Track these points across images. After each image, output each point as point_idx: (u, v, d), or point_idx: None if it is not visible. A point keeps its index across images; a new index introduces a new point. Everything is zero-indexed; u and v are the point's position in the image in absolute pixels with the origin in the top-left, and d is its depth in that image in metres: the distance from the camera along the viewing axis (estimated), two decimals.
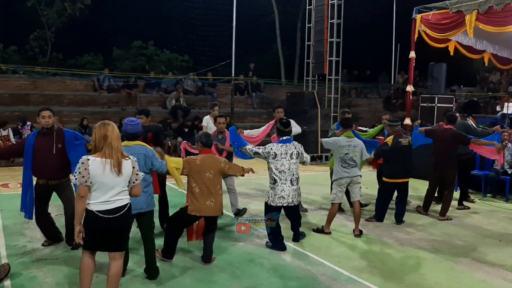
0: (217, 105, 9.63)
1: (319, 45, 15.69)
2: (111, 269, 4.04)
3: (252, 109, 18.67)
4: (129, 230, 4.17)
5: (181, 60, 24.05)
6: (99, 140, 3.90)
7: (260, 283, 4.86)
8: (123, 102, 16.57)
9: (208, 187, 5.21)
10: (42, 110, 5.61)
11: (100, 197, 3.86)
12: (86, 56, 22.18)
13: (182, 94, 17.14)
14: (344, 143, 6.54)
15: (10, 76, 15.87)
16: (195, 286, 4.75)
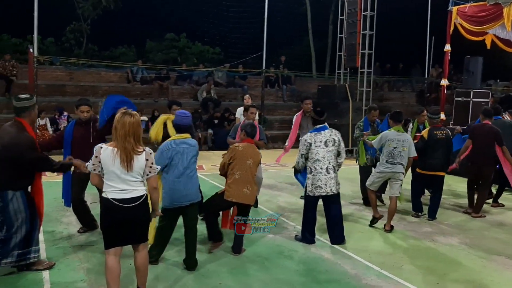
0: (246, 95, 9.63)
1: (352, 38, 15.51)
2: (136, 261, 4.08)
3: (282, 102, 18.65)
4: (148, 221, 4.10)
5: (213, 52, 24.20)
6: (113, 130, 3.89)
7: (289, 275, 4.89)
8: (155, 94, 16.82)
9: (247, 174, 5.28)
10: (80, 105, 5.82)
11: (114, 186, 3.84)
12: (120, 48, 22.58)
13: (213, 86, 17.27)
14: (394, 136, 6.46)
15: (47, 67, 16.29)
16: (227, 276, 4.81)
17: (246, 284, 4.62)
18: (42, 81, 14.78)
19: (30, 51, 11.79)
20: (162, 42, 23.61)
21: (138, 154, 3.85)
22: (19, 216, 4.57)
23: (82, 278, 4.65)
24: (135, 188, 3.88)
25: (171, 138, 4.92)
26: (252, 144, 5.58)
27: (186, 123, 4.93)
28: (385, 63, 21.56)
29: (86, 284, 4.51)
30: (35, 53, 12.76)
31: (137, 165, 3.85)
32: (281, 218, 6.95)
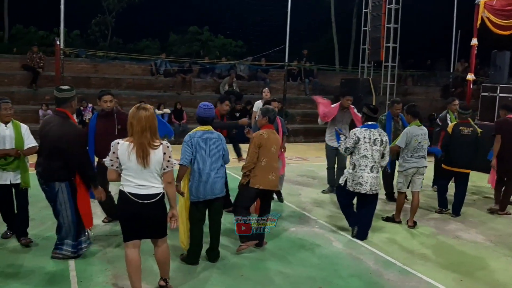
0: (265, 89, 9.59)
1: (376, 31, 15.34)
2: (156, 255, 4.12)
3: (304, 96, 18.55)
4: (165, 218, 4.01)
5: (235, 45, 24.23)
6: (128, 126, 3.83)
7: (310, 269, 4.90)
8: (178, 87, 16.92)
9: (271, 161, 5.24)
10: (103, 95, 5.81)
11: (131, 180, 3.82)
12: (144, 41, 22.79)
13: (235, 80, 17.28)
14: (418, 131, 6.43)
15: (73, 60, 16.53)
16: (248, 269, 4.85)
17: (267, 277, 4.65)
18: (68, 73, 15.00)
19: (56, 43, 12.00)
20: (185, 35, 23.73)
21: (154, 148, 3.80)
22: (65, 207, 4.69)
23: (106, 267, 4.73)
24: (152, 185, 3.86)
25: (194, 129, 4.89)
26: (273, 130, 5.46)
27: (209, 115, 4.89)
28: (409, 57, 21.26)
29: (110, 273, 4.59)
30: (62, 45, 12.97)
31: (154, 159, 3.80)
32: (303, 212, 6.99)
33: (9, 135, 5.10)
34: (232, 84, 17.05)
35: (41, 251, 5.06)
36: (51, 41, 18.53)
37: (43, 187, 4.78)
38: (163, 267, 4.17)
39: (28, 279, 4.42)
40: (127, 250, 3.93)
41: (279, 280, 4.59)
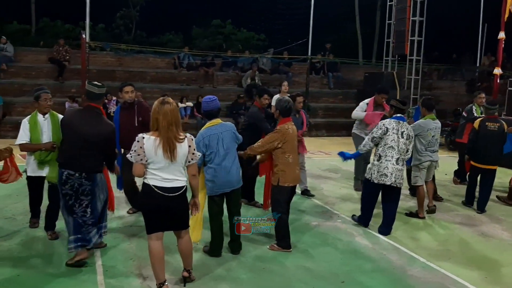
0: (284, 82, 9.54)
1: (401, 24, 15.14)
2: (179, 246, 4.17)
3: (328, 89, 18.44)
4: (187, 209, 4.08)
5: (258, 39, 24.19)
6: (153, 121, 3.83)
7: (333, 264, 4.90)
8: (201, 80, 17.00)
9: (296, 156, 5.17)
10: (124, 86, 5.90)
11: (156, 174, 3.85)
12: (168, 35, 22.94)
13: (258, 73, 17.27)
14: (432, 125, 6.45)
15: (98, 53, 16.76)
16: (270, 262, 4.87)
17: (289, 271, 4.67)
18: (93, 66, 15.22)
19: (82, 37, 12.18)
20: (208, 28, 23.81)
21: (180, 141, 3.84)
22: (102, 196, 4.72)
23: (131, 257, 4.82)
24: (177, 178, 3.90)
25: (204, 127, 4.81)
26: (290, 122, 5.21)
27: (214, 107, 4.81)
28: (434, 51, 20.91)
29: (134, 263, 4.67)
30: (87, 39, 13.16)
31: (181, 153, 3.84)
32: (325, 207, 6.98)
33: (47, 126, 5.07)
34: (254, 78, 17.04)
35: (67, 241, 5.17)
36: (77, 34, 18.81)
37: (80, 180, 4.48)
38: (186, 258, 4.22)
39: (55, 269, 4.53)
40: (151, 242, 3.98)
41: (301, 274, 4.61)
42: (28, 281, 4.24)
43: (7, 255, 4.77)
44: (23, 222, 5.64)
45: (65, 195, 4.52)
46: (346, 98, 17.88)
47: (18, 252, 4.86)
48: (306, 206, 6.88)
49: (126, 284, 4.25)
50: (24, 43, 18.15)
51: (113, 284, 4.21)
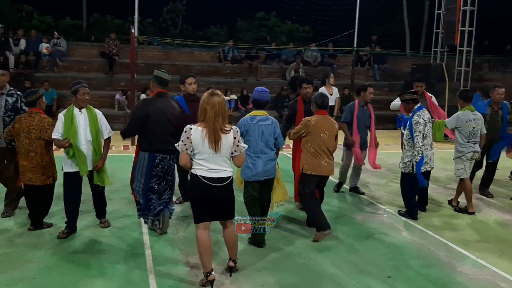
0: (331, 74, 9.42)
1: (451, 14, 14.61)
2: (224, 236, 4.25)
3: (374, 81, 18.09)
4: (233, 200, 4.17)
5: (302, 31, 24.05)
6: (201, 111, 3.92)
7: (379, 258, 4.85)
8: (245, 73, 17.10)
9: (321, 148, 5.21)
10: (187, 77, 6.00)
11: (203, 164, 3.92)
12: (213, 28, 23.18)
13: (302, 65, 17.18)
14: (471, 116, 6.40)
15: (146, 47, 17.13)
16: (315, 255, 4.88)
17: (334, 264, 4.66)
18: (141, 60, 15.58)
19: (131, 31, 12.46)
20: (253, 21, 23.87)
21: (226, 133, 3.90)
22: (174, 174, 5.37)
23: (179, 246, 4.95)
24: (223, 169, 3.97)
25: (249, 114, 5.02)
26: (326, 115, 5.33)
27: (263, 98, 5.02)
28: (485, 41, 20.09)
29: (181, 252, 4.80)
30: (136, 33, 13.46)
31: (225, 144, 3.90)
32: (371, 201, 6.90)
33: (83, 121, 5.02)
34: (298, 70, 16.96)
35: (117, 230, 5.40)
36: (126, 29, 19.31)
37: (169, 162, 5.13)
38: (232, 248, 4.28)
39: (107, 255, 4.72)
40: (198, 231, 4.07)
41: (347, 267, 4.59)
42: (82, 266, 4.45)
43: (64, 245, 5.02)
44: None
45: (153, 176, 5.07)
46: (392, 91, 17.50)
47: (71, 240, 5.09)
48: (351, 200, 6.83)
49: (174, 271, 4.36)
50: (76, 38, 18.85)
51: (162, 271, 4.34)
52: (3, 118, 5.53)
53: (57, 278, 4.19)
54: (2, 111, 5.52)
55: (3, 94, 5.55)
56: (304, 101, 6.02)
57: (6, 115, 5.54)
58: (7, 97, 5.56)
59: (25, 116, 5.18)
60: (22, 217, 5.65)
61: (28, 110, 5.23)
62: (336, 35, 18.59)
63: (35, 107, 5.19)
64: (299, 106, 6.02)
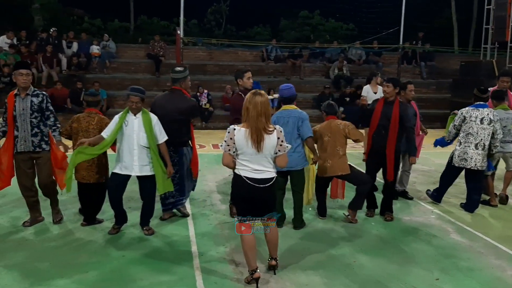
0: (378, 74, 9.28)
1: (501, 9, 14.10)
2: (267, 235, 4.26)
3: (420, 79, 17.68)
4: (275, 199, 4.22)
5: (346, 28, 23.81)
6: (244, 111, 3.94)
7: (426, 259, 4.76)
8: (288, 72, 17.10)
9: (326, 149, 5.59)
10: (245, 72, 5.99)
11: (247, 165, 3.95)
12: (256, 28, 23.31)
13: (346, 63, 17.01)
14: (503, 115, 6.38)
15: (191, 48, 17.43)
16: (360, 255, 4.85)
17: (380, 264, 4.61)
18: (186, 60, 15.88)
19: (177, 33, 12.75)
20: (296, 20, 23.82)
21: (269, 133, 3.91)
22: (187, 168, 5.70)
23: (224, 244, 5.03)
24: (267, 169, 3.99)
25: (281, 109, 5.42)
26: (333, 119, 5.75)
27: (289, 94, 5.38)
28: None
29: (227, 250, 4.88)
30: (181, 34, 13.76)
31: (268, 144, 3.91)
32: (418, 201, 6.77)
33: (137, 125, 5.02)
34: (342, 68, 16.81)
35: (164, 226, 5.54)
36: (171, 30, 19.74)
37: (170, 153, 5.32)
38: (273, 246, 4.30)
39: (154, 251, 4.87)
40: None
41: (393, 269, 4.54)
42: (130, 261, 4.60)
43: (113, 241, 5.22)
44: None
45: None
46: (440, 89, 17.06)
47: (120, 236, 5.28)
48: (397, 201, 6.70)
49: (220, 269, 4.44)
50: (124, 40, 19.40)
51: (208, 268, 4.43)
52: (30, 119, 5.21)
53: (107, 272, 4.35)
54: (28, 112, 5.19)
55: (28, 95, 5.22)
56: (385, 101, 5.86)
57: (32, 116, 5.22)
58: (32, 98, 5.22)
59: (84, 116, 5.40)
60: (72, 212, 5.92)
61: (87, 110, 5.45)
62: (381, 33, 18.29)
63: (94, 107, 5.45)
64: (377, 106, 5.91)
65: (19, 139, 5.20)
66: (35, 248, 4.85)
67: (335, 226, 5.65)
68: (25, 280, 4.12)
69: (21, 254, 4.67)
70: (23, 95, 5.18)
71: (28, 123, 5.20)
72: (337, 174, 5.65)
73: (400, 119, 5.63)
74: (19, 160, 5.25)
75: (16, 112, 5.17)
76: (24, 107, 5.17)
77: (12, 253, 4.70)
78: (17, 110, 5.17)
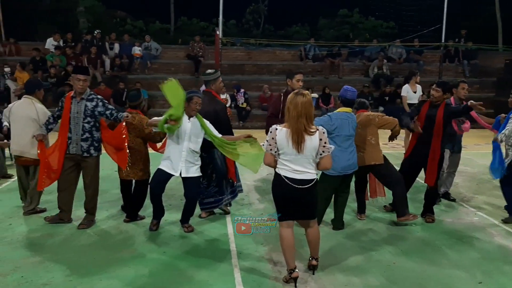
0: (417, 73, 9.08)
1: None
2: (307, 236, 4.25)
3: (463, 78, 17.19)
4: (316, 202, 4.16)
5: (386, 26, 23.43)
6: (286, 110, 3.92)
7: (469, 262, 4.66)
8: (326, 71, 17.00)
9: (358, 141, 5.47)
10: (297, 73, 6.08)
11: (287, 165, 3.93)
12: (294, 27, 23.28)
13: (385, 62, 16.75)
14: None
15: (229, 48, 17.60)
16: (400, 257, 4.79)
17: (421, 268, 4.53)
18: (224, 61, 16.06)
19: (216, 33, 12.89)
20: (335, 18, 23.64)
21: (311, 134, 3.86)
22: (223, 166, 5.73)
23: (262, 243, 5.06)
24: (307, 170, 3.94)
25: (339, 110, 5.28)
26: (363, 112, 5.65)
27: (351, 97, 5.28)
28: None
29: (265, 249, 4.91)
30: (220, 35, 13.90)
31: (310, 145, 3.87)
32: (460, 203, 6.61)
33: (189, 129, 5.09)
34: (382, 67, 16.56)
35: (203, 224, 5.63)
36: (211, 31, 19.97)
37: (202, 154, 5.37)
38: (314, 247, 4.29)
39: (193, 248, 4.96)
40: (282, 229, 4.12)
41: (434, 271, 4.46)
42: (170, 257, 4.69)
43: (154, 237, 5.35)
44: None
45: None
46: (483, 88, 16.56)
47: (161, 233, 5.41)
48: (440, 202, 6.55)
49: (258, 267, 4.48)
50: (164, 41, 19.78)
51: (246, 267, 4.48)
52: (82, 124, 5.26)
53: (149, 268, 4.46)
54: (81, 116, 5.25)
55: (83, 99, 5.26)
56: (431, 104, 5.75)
57: (85, 121, 5.27)
58: (86, 102, 5.26)
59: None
60: (115, 209, 6.09)
61: (128, 110, 5.59)
62: (422, 30, 17.92)
63: (137, 108, 5.61)
64: (423, 109, 5.79)
65: (72, 141, 5.32)
66: (80, 243, 5.03)
67: (375, 227, 5.60)
68: (71, 274, 4.28)
69: (67, 250, 4.86)
70: (78, 98, 5.29)
71: (80, 127, 5.27)
72: (370, 164, 5.52)
73: (444, 123, 5.55)
74: (66, 160, 5.39)
75: (71, 115, 5.29)
76: (78, 110, 5.28)
77: (59, 248, 4.89)
78: (72, 113, 5.29)
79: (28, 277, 4.18)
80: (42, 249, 4.84)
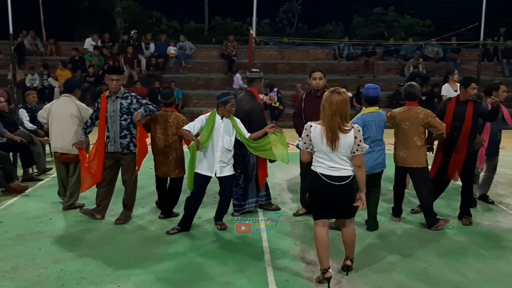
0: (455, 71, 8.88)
1: None
2: (343, 235, 4.21)
3: (502, 77, 16.69)
4: (353, 200, 4.10)
5: (422, 25, 22.99)
6: (321, 108, 3.92)
7: (509, 267, 4.53)
8: (360, 70, 16.82)
9: (402, 138, 5.36)
10: (314, 72, 5.88)
11: (323, 162, 3.94)
12: (328, 26, 23.13)
13: (422, 61, 16.43)
14: None
15: (262, 47, 17.63)
16: (436, 260, 4.69)
17: (458, 271, 4.43)
18: (258, 60, 16.08)
19: (250, 32, 12.93)
20: (369, 16, 23.35)
21: (345, 132, 3.86)
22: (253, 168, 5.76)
23: (295, 242, 5.06)
24: (343, 167, 3.94)
25: (364, 111, 5.16)
26: (414, 106, 5.40)
27: (374, 95, 5.16)
28: None
29: (298, 248, 4.90)
30: (254, 34, 13.94)
31: (344, 143, 3.86)
32: (499, 206, 6.43)
33: (222, 128, 5.15)
34: (418, 66, 16.25)
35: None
36: (244, 30, 20.06)
37: (236, 151, 5.43)
38: (349, 247, 4.24)
39: (226, 246, 4.99)
40: (317, 228, 4.10)
41: (472, 275, 4.34)
42: (203, 256, 4.73)
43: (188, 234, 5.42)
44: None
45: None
46: None
47: (195, 230, 5.47)
48: (477, 205, 6.40)
49: (291, 266, 4.47)
50: (198, 41, 20.01)
51: (279, 265, 4.48)
52: (120, 122, 5.42)
53: (183, 264, 4.53)
54: (118, 114, 5.41)
55: (118, 97, 5.42)
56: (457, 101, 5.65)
57: (122, 118, 5.41)
58: (121, 100, 5.41)
59: (161, 114, 5.65)
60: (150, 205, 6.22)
61: (163, 109, 5.70)
62: (460, 29, 17.50)
63: (171, 106, 5.71)
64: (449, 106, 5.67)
65: (110, 139, 5.47)
66: (116, 238, 5.16)
67: (410, 228, 5.51)
68: (107, 268, 4.38)
69: (105, 244, 4.98)
70: (113, 97, 5.45)
71: (117, 125, 5.41)
72: (412, 167, 5.39)
73: (473, 122, 5.42)
74: (106, 160, 5.54)
75: (108, 114, 5.45)
76: (114, 109, 5.43)
77: (96, 243, 5.02)
78: (109, 112, 5.45)
79: (67, 270, 4.31)
80: (80, 243, 4.98)
